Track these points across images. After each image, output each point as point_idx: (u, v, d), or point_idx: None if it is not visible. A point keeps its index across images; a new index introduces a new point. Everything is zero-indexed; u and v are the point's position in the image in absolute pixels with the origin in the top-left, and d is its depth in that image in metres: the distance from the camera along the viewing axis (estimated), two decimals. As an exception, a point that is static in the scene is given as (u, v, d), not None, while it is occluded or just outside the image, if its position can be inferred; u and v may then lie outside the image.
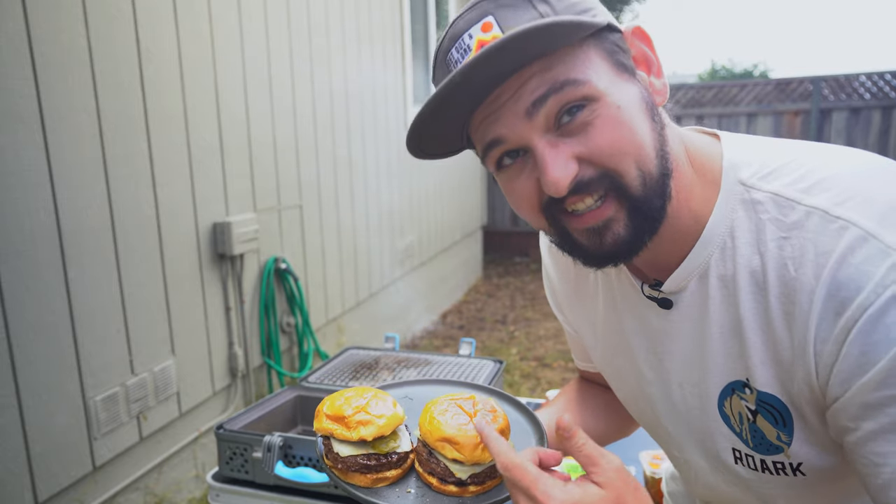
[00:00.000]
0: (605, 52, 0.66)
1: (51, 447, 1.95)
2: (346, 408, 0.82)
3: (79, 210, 2.02)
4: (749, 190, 0.70)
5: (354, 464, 0.81)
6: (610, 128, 0.65)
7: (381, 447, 0.82)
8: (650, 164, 0.67)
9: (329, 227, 3.67)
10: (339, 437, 0.81)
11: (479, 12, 0.66)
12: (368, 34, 4.11)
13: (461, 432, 0.77)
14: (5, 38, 1.77)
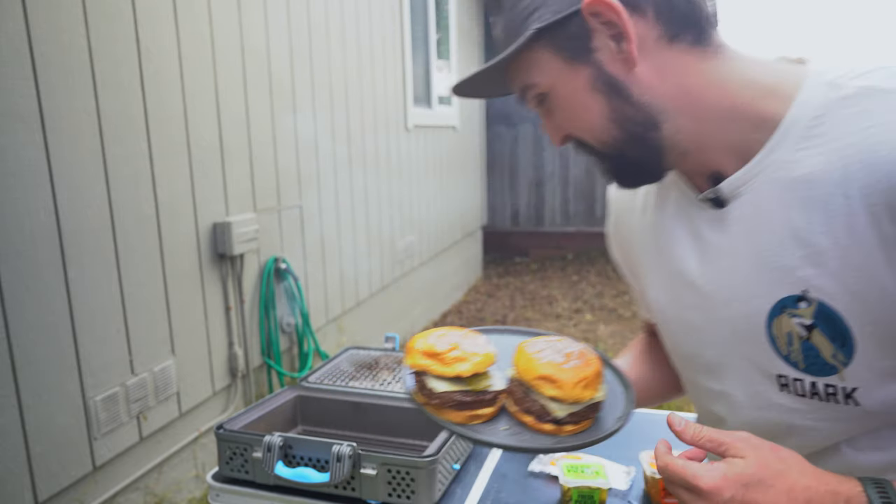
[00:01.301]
0: (553, 49, 0.76)
1: (51, 447, 1.95)
2: (440, 344, 0.82)
3: (79, 210, 2.02)
4: (837, 88, 0.70)
5: (450, 400, 0.81)
6: (562, 112, 0.80)
7: (475, 384, 0.81)
8: (604, 133, 0.78)
9: (329, 227, 3.67)
10: (435, 373, 0.81)
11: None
12: (368, 34, 4.12)
13: (560, 371, 0.78)
14: (5, 38, 1.77)
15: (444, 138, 5.75)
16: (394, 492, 1.27)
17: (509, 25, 0.80)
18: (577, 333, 5.11)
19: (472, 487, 1.38)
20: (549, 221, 7.91)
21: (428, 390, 0.83)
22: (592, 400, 0.82)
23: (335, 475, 1.26)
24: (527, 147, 7.83)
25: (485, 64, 0.80)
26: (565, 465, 1.33)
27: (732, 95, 0.74)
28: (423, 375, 0.84)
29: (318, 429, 1.64)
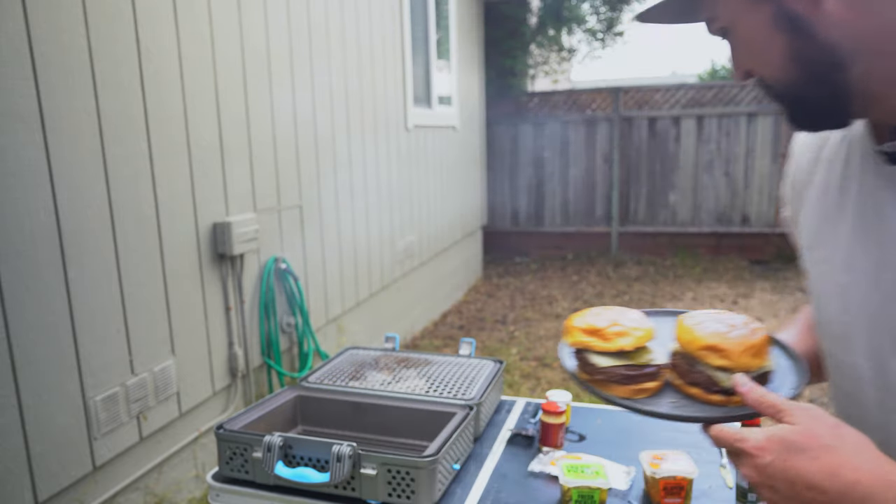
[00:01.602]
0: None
1: (51, 447, 1.95)
2: (599, 321, 0.84)
3: (79, 210, 2.02)
4: None
5: (615, 375, 0.82)
6: (743, 48, 0.77)
7: (637, 359, 0.82)
8: (784, 72, 0.74)
9: (329, 227, 3.67)
10: (597, 349, 0.83)
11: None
12: (368, 34, 4.12)
13: (726, 340, 0.78)
14: (5, 38, 1.77)
15: (444, 138, 5.75)
16: (394, 492, 1.27)
17: None
18: (577, 333, 5.10)
19: (472, 487, 1.38)
20: (549, 221, 7.91)
21: (591, 366, 0.84)
22: (762, 369, 0.80)
23: (335, 475, 1.26)
24: (527, 147, 7.83)
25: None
26: (565, 465, 1.33)
27: None
28: (584, 353, 0.85)
29: (318, 429, 1.64)
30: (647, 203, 7.53)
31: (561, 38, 8.02)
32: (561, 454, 1.50)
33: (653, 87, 7.42)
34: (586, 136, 7.62)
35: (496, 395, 1.77)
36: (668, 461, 1.34)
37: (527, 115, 7.83)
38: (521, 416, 1.75)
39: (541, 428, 1.55)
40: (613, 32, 8.32)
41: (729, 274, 6.73)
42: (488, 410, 1.68)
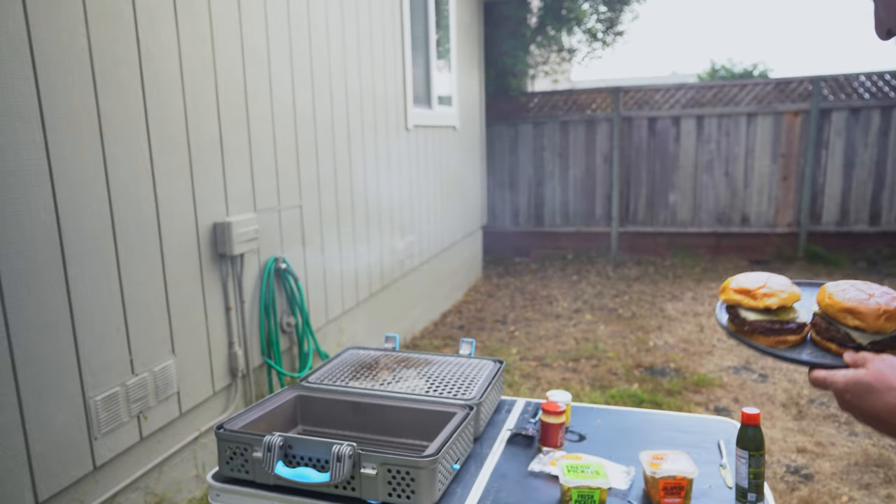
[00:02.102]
0: None
1: (51, 447, 1.95)
2: (750, 282, 1.00)
3: (79, 210, 2.02)
4: None
5: (760, 327, 0.98)
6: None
7: (782, 316, 0.97)
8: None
9: (329, 226, 3.67)
10: (747, 306, 0.98)
11: None
12: (368, 34, 4.12)
13: (863, 304, 0.91)
14: (5, 38, 1.78)
15: (444, 138, 5.75)
16: (394, 492, 1.27)
17: None
18: (577, 333, 5.11)
19: (472, 487, 1.38)
20: (549, 221, 7.91)
21: (741, 320, 0.99)
22: (894, 332, 0.92)
23: (335, 475, 1.26)
24: (527, 147, 7.84)
25: None
26: (565, 464, 1.33)
27: None
28: (735, 308, 1.01)
29: (318, 429, 1.64)
30: (647, 203, 7.53)
31: (561, 38, 8.02)
32: (561, 454, 1.50)
33: (653, 87, 7.42)
34: (586, 136, 7.63)
35: (496, 395, 1.77)
36: (668, 461, 1.34)
37: (527, 115, 7.83)
38: (521, 416, 1.75)
39: (541, 428, 1.55)
40: (613, 32, 8.32)
41: (729, 274, 6.73)
42: (488, 410, 1.68)
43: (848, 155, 6.90)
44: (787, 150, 7.04)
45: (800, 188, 7.06)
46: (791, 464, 3.05)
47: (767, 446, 3.18)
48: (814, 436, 3.30)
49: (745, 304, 1.01)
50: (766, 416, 3.54)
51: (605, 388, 3.95)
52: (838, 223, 7.04)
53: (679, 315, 5.47)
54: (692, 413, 3.25)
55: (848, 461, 3.04)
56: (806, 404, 3.69)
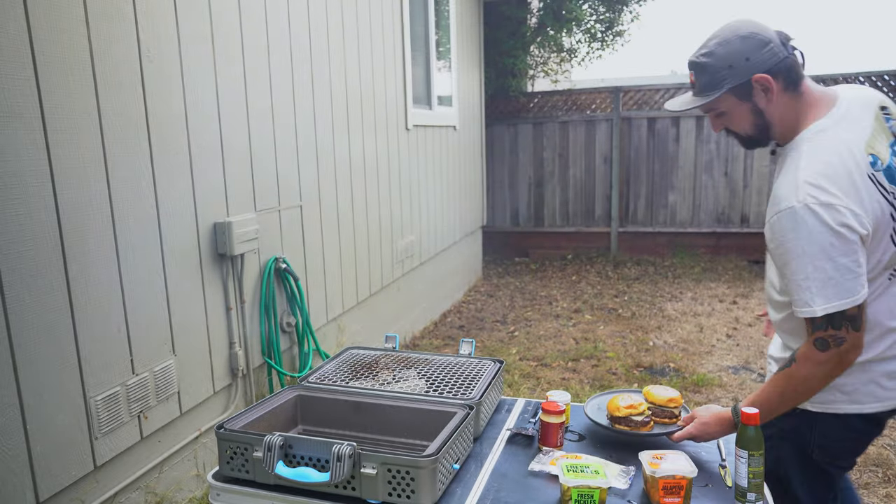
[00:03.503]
0: (734, 95, 1.49)
1: (52, 446, 1.95)
2: (623, 403, 1.63)
3: (79, 210, 2.03)
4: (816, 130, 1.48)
5: (631, 422, 1.60)
6: (730, 121, 1.55)
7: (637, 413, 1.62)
8: (748, 131, 1.55)
9: (329, 227, 3.67)
10: (625, 414, 1.62)
11: (690, 64, 1.54)
12: (368, 34, 4.12)
13: (674, 393, 1.68)
14: (6, 39, 1.78)
15: (444, 138, 5.75)
16: (394, 491, 1.28)
17: (710, 82, 1.49)
18: (576, 333, 5.11)
19: (472, 487, 1.38)
20: (549, 221, 7.92)
21: (617, 419, 1.61)
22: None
23: (335, 475, 1.27)
24: (527, 147, 7.84)
25: (697, 102, 1.52)
26: (565, 464, 1.33)
27: (793, 120, 1.50)
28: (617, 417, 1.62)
29: (319, 428, 1.65)
30: (647, 203, 7.53)
31: (561, 39, 8.03)
32: (561, 454, 1.50)
33: (653, 87, 7.42)
34: (586, 136, 7.63)
35: (496, 395, 1.77)
36: (668, 461, 1.34)
37: (527, 115, 7.83)
38: (521, 416, 1.76)
39: (540, 427, 1.55)
40: (613, 32, 8.32)
41: (728, 274, 6.74)
42: (488, 410, 1.69)
43: (847, 155, 6.89)
44: (786, 151, 7.04)
45: (799, 188, 7.06)
46: (790, 463, 3.06)
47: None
48: (813, 436, 3.30)
49: (622, 413, 1.60)
50: (766, 416, 3.54)
51: (605, 388, 3.95)
52: (838, 223, 7.03)
53: (678, 315, 5.47)
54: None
55: (847, 461, 3.05)
56: (805, 404, 3.69)
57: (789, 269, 1.38)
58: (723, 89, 1.46)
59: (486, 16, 7.30)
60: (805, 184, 1.36)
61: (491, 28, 7.45)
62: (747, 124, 1.51)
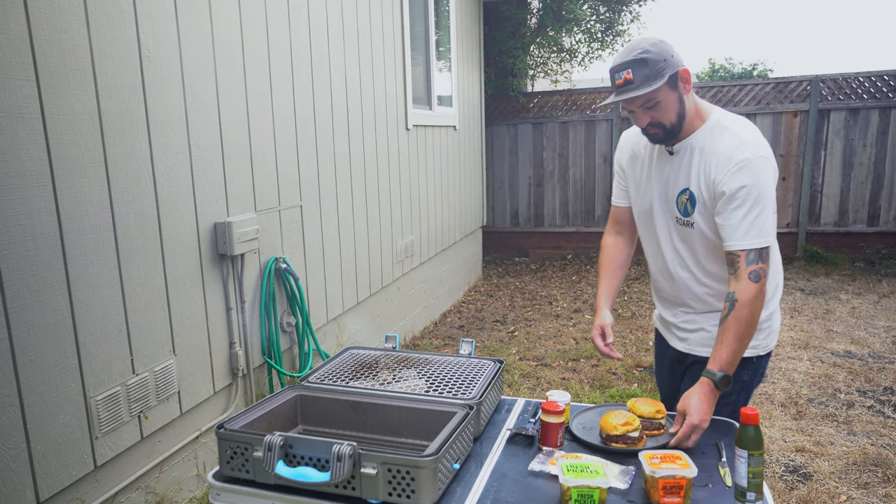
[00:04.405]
0: (668, 84, 1.67)
1: (52, 446, 1.96)
2: (618, 421, 1.59)
3: (79, 210, 2.03)
4: (717, 123, 1.76)
5: (628, 438, 1.57)
6: (661, 111, 1.70)
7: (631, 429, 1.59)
8: (672, 121, 1.72)
9: (329, 227, 3.67)
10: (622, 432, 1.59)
11: (623, 64, 1.68)
12: (368, 34, 4.12)
13: (660, 405, 1.68)
14: (7, 39, 1.78)
15: (444, 138, 5.75)
16: (394, 491, 1.28)
17: (650, 74, 1.64)
18: (576, 333, 5.11)
19: (472, 487, 1.38)
20: (549, 221, 7.92)
21: (614, 437, 1.59)
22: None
23: (335, 475, 1.27)
24: (527, 147, 7.84)
25: (643, 90, 1.64)
26: (565, 464, 1.33)
27: (693, 115, 1.75)
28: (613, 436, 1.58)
29: (319, 428, 1.65)
30: (647, 203, 7.53)
31: (561, 39, 8.03)
32: (560, 454, 1.51)
33: (652, 88, 7.41)
34: (586, 136, 7.63)
35: (496, 395, 1.77)
36: (668, 460, 1.34)
37: (527, 116, 7.83)
38: (521, 416, 1.76)
39: (540, 427, 1.55)
40: (613, 33, 8.32)
41: (728, 274, 6.73)
42: (488, 410, 1.69)
43: (847, 155, 6.90)
44: (786, 151, 7.05)
45: (799, 188, 7.06)
46: (790, 463, 3.06)
47: (766, 446, 3.19)
48: (812, 435, 3.31)
49: (619, 431, 1.57)
50: (765, 416, 3.55)
51: (605, 388, 3.96)
52: (837, 223, 7.04)
53: (678, 315, 5.47)
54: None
55: (846, 461, 3.05)
56: (805, 404, 3.69)
57: (756, 208, 1.64)
58: (664, 79, 1.63)
59: (486, 16, 7.30)
60: (759, 143, 1.68)
61: (491, 28, 7.45)
62: (673, 114, 1.69)
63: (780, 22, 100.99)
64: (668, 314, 1.99)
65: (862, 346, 4.60)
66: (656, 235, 1.90)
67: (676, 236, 1.85)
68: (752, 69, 16.37)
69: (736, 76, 15.67)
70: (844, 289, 6.08)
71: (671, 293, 1.95)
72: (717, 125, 1.74)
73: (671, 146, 1.78)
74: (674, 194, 1.80)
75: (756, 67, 16.46)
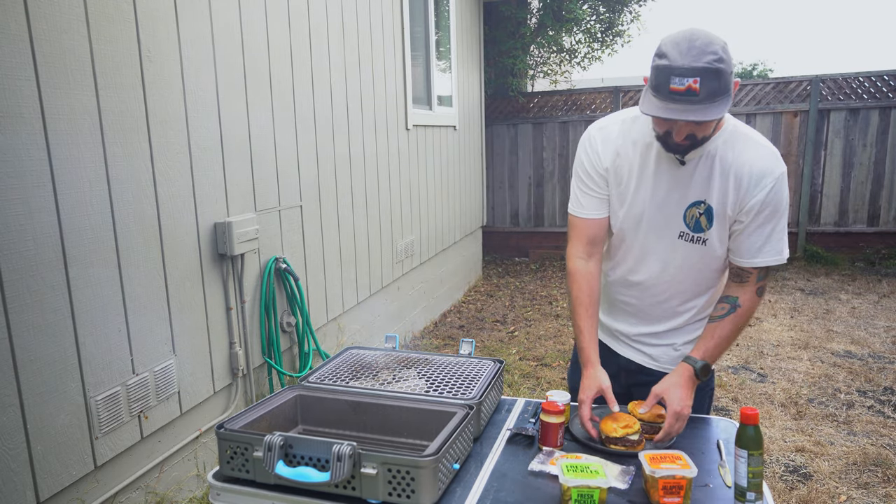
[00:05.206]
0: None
1: (52, 446, 1.96)
2: (619, 424, 1.56)
3: (79, 210, 2.03)
4: (736, 128, 1.61)
5: (628, 441, 1.54)
6: (703, 126, 1.48)
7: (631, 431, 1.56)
8: (708, 134, 1.52)
9: (329, 227, 3.67)
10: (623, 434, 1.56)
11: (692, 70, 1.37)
12: (368, 34, 4.12)
13: (660, 410, 1.61)
14: (7, 39, 1.78)
15: (444, 138, 5.75)
16: (394, 491, 1.28)
17: (719, 90, 1.38)
18: (576, 333, 5.11)
19: (472, 487, 1.38)
20: (548, 221, 7.92)
21: (614, 440, 1.55)
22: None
23: (335, 475, 1.27)
24: (526, 147, 7.84)
25: (717, 109, 1.39)
26: (565, 464, 1.33)
27: None
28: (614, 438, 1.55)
29: (319, 428, 1.65)
30: (647, 203, 7.53)
31: (561, 39, 8.03)
32: (560, 454, 1.51)
33: (652, 88, 7.41)
34: (586, 136, 7.62)
35: (496, 395, 1.77)
36: (668, 460, 1.34)
37: (527, 115, 7.83)
38: (521, 416, 1.76)
39: (541, 427, 1.55)
40: (613, 33, 8.32)
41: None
42: (488, 410, 1.69)
43: (847, 155, 6.90)
44: (786, 151, 7.05)
45: (799, 188, 7.06)
46: (790, 463, 3.06)
47: (766, 446, 3.19)
48: (812, 435, 3.31)
49: (619, 434, 1.54)
50: (765, 416, 3.55)
51: (605, 388, 3.95)
52: (837, 223, 7.04)
53: (678, 315, 5.47)
54: (691, 413, 3.25)
55: (846, 460, 3.05)
56: (805, 404, 3.69)
57: (779, 226, 1.58)
58: (730, 94, 1.40)
59: (486, 16, 7.30)
60: (778, 155, 1.58)
61: (491, 28, 7.44)
62: (711, 127, 1.50)
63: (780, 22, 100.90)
64: (628, 327, 1.83)
65: (862, 346, 4.60)
66: (643, 250, 1.70)
67: (674, 253, 1.66)
68: (752, 69, 16.37)
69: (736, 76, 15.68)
70: (844, 289, 6.08)
71: (643, 309, 1.79)
72: (736, 132, 1.57)
73: (685, 156, 1.57)
74: (681, 207, 1.61)
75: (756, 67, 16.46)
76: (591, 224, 1.74)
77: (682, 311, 1.75)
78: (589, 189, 1.72)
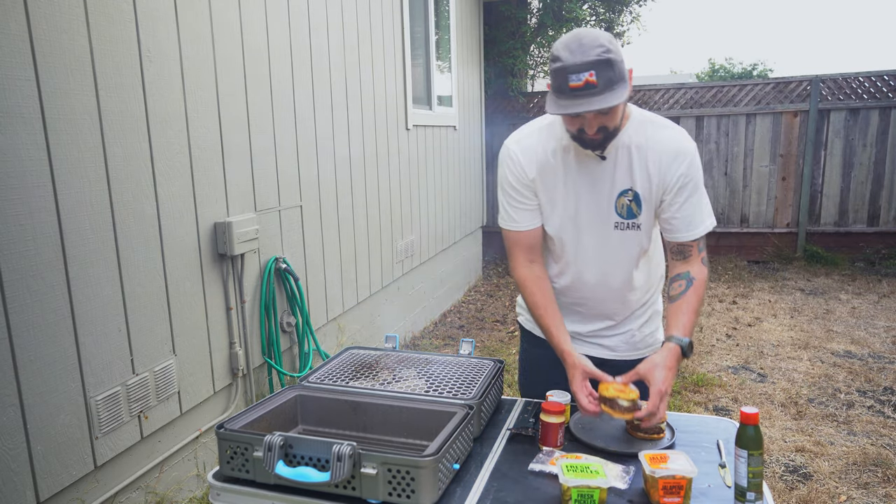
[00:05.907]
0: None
1: (52, 446, 1.96)
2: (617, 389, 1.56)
3: (79, 210, 2.03)
4: (644, 117, 1.70)
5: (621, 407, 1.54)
6: (610, 117, 1.55)
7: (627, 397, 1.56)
8: (617, 124, 1.59)
9: (329, 226, 3.67)
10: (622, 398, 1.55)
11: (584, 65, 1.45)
12: (368, 34, 4.12)
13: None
14: (7, 39, 1.78)
15: (444, 138, 5.75)
16: (394, 491, 1.28)
17: (615, 78, 1.46)
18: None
19: (472, 487, 1.38)
20: (548, 221, 7.90)
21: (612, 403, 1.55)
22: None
23: (335, 475, 1.27)
24: (526, 147, 7.83)
25: (616, 96, 1.46)
26: (565, 464, 1.33)
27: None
28: (611, 400, 1.55)
29: (319, 428, 1.65)
30: (647, 203, 7.53)
31: (561, 39, 8.02)
32: (560, 454, 1.51)
33: (652, 88, 7.42)
34: (586, 136, 7.62)
35: (496, 395, 1.77)
36: (668, 461, 1.34)
37: (527, 115, 7.83)
38: (521, 416, 1.76)
39: (541, 427, 1.55)
40: (613, 33, 8.31)
41: (728, 274, 6.74)
42: (488, 410, 1.69)
43: (847, 155, 6.90)
44: (786, 151, 7.05)
45: (799, 188, 7.06)
46: (790, 463, 3.06)
47: (766, 446, 3.19)
48: (812, 435, 3.31)
49: (610, 394, 1.55)
50: (765, 416, 3.55)
51: (605, 388, 3.95)
52: (837, 223, 7.04)
53: (678, 315, 5.46)
54: (691, 413, 3.26)
55: (846, 460, 3.05)
56: (805, 404, 3.69)
57: (703, 197, 1.68)
58: (626, 80, 1.49)
59: (486, 16, 7.30)
60: (686, 133, 1.70)
61: (491, 28, 7.44)
62: (619, 117, 1.57)
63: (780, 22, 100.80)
64: (582, 326, 1.87)
65: (862, 346, 4.60)
66: (585, 247, 1.75)
67: (614, 243, 1.73)
68: (752, 69, 16.36)
69: (736, 76, 15.66)
70: (844, 289, 6.08)
71: (595, 306, 1.83)
72: (643, 120, 1.68)
73: (604, 151, 1.64)
74: (611, 199, 1.69)
75: (756, 67, 16.45)
76: (528, 235, 1.78)
77: (630, 298, 1.82)
78: (519, 203, 1.76)
